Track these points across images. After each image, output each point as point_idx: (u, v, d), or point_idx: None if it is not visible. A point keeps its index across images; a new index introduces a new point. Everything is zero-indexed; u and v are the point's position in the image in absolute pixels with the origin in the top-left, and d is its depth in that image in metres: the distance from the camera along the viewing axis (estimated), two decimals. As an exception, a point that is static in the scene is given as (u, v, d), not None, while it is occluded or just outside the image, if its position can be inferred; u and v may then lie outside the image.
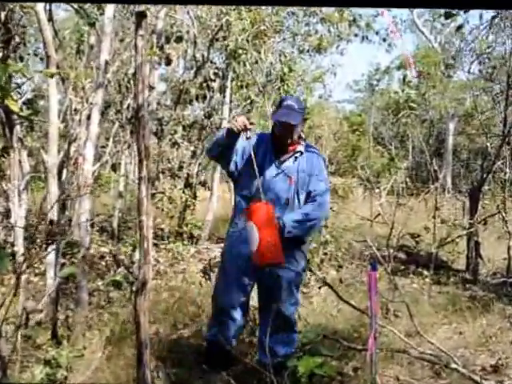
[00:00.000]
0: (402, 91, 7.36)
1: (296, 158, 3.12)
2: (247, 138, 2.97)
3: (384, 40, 11.19)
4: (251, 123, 2.98)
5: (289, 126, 3.03)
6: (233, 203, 3.42)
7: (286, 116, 3.02)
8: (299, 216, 3.04)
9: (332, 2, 3.33)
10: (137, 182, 1.93)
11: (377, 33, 10.68)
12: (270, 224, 2.87)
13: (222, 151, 3.08)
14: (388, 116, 16.73)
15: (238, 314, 3.21)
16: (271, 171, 3.09)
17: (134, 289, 3.42)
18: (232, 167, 3.12)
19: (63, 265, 4.11)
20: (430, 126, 16.79)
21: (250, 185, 3.05)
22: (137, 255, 4.52)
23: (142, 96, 1.99)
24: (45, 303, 3.43)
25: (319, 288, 4.63)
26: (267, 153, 3.11)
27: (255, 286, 3.25)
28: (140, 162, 1.95)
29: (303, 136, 3.25)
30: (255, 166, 2.97)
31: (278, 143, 3.10)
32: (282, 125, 3.05)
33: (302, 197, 3.10)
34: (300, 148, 3.16)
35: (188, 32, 7.06)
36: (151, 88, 5.72)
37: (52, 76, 3.50)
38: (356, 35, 9.45)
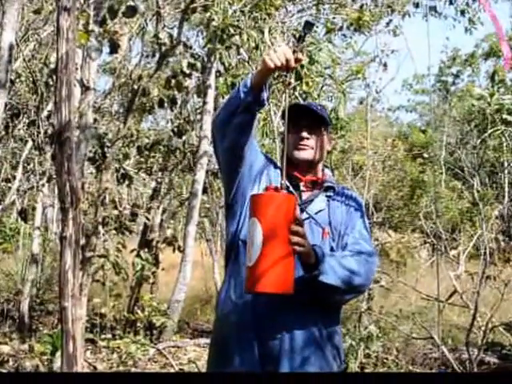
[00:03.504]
0: (491, 95, 7.17)
1: (329, 197, 3.10)
2: (286, 85, 2.89)
3: (462, 13, 11.10)
4: (297, 59, 2.83)
5: (313, 126, 3.02)
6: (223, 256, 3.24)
7: (307, 105, 3.15)
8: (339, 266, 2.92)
9: None
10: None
11: (451, 1, 10.64)
12: (284, 227, 2.66)
13: (238, 112, 2.88)
14: (470, 133, 16.58)
15: None
16: None
17: None
18: (246, 151, 2.98)
19: None
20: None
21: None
22: (59, 361, 4.31)
23: (67, 106, 1.81)
24: None
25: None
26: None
27: None
28: (63, 212, 1.79)
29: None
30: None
31: (291, 168, 2.99)
32: (302, 127, 3.01)
33: None
34: (329, 180, 3.15)
35: (146, -2, 6.98)
36: (86, 89, 5.60)
37: None
38: (417, 5, 9.38)
